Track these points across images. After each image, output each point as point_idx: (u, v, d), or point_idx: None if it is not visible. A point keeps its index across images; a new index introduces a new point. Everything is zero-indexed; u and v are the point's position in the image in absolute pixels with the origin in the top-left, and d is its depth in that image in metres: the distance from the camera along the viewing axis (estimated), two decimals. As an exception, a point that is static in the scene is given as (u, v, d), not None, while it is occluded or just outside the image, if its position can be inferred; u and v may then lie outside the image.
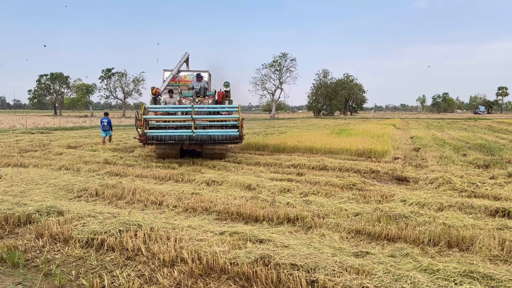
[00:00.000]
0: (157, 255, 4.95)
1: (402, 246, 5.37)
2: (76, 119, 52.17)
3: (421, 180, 10.07)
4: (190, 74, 15.46)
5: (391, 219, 6.47)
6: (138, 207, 7.42)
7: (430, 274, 4.30)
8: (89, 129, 31.61)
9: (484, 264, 4.70)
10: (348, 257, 4.78)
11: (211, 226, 6.13)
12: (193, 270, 4.58)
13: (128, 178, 10.09)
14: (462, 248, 5.35)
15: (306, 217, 6.54)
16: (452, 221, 6.28)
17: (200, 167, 11.78)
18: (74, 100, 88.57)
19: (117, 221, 5.97)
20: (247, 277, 4.41)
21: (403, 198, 7.80)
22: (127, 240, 5.37)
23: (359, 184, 9.51)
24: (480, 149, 16.97)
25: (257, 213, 6.82)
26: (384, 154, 14.47)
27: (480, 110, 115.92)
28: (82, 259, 5.04)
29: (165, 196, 7.99)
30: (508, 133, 28.49)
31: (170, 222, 6.17)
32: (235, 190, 8.66)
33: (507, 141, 21.06)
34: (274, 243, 5.25)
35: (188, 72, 15.79)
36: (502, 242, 5.37)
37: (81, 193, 8.41)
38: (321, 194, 8.33)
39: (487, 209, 7.06)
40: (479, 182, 9.55)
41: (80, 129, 31.76)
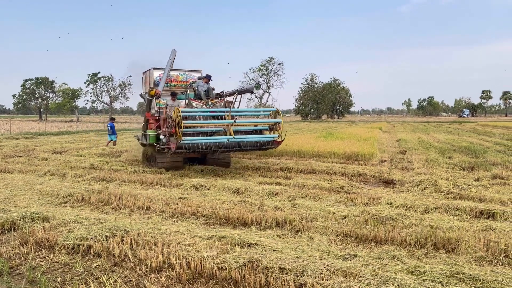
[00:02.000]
0: (144, 261, 4.90)
1: (389, 248, 5.40)
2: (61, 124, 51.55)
3: (407, 183, 10.17)
4: (183, 74, 14.12)
5: (378, 222, 6.51)
6: (125, 213, 7.35)
7: (417, 276, 4.33)
8: (75, 134, 31.25)
9: (470, 265, 4.75)
10: (336, 260, 4.79)
11: (199, 230, 6.09)
12: (181, 275, 4.54)
13: (115, 183, 9.99)
14: (448, 249, 5.40)
15: (294, 221, 6.55)
16: (438, 223, 6.34)
17: (188, 171, 11.71)
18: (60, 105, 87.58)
19: (103, 227, 5.90)
20: (235, 282, 4.39)
21: (389, 201, 7.86)
22: (113, 246, 5.31)
23: (347, 187, 9.56)
24: (465, 151, 17.21)
25: (246, 217, 6.81)
26: (371, 157, 14.59)
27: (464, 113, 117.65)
28: (67, 265, 4.97)
29: (152, 201, 7.93)
30: (492, 135, 28.96)
31: (157, 227, 6.12)
32: (223, 194, 8.64)
33: (491, 144, 21.39)
34: (263, 247, 5.24)
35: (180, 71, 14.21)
36: (487, 243, 5.44)
37: (67, 198, 8.31)
38: (309, 198, 8.36)
39: (472, 211, 7.15)
40: (464, 184, 9.67)
41: (65, 134, 31.38)
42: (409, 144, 21.28)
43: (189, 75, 14.16)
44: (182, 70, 14.16)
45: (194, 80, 13.82)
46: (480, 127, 44.04)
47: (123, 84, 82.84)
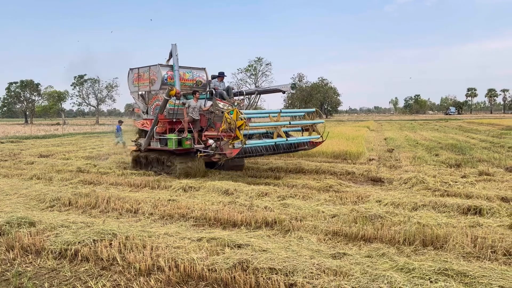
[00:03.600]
0: (133, 264, 4.85)
1: (378, 246, 5.43)
2: (48, 127, 50.88)
3: (395, 181, 10.24)
4: (189, 72, 12.88)
5: (367, 220, 6.54)
6: (113, 216, 7.28)
7: (406, 273, 4.36)
8: (61, 137, 30.88)
9: (458, 261, 4.79)
10: (325, 259, 4.80)
11: (188, 232, 6.06)
12: (170, 278, 4.51)
13: (102, 186, 9.89)
14: (436, 246, 5.45)
15: (284, 221, 6.55)
16: (426, 220, 6.40)
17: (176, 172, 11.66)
18: (46, 108, 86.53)
19: (91, 231, 5.83)
20: (225, 283, 4.37)
21: (378, 199, 7.91)
22: (101, 249, 5.25)
23: (336, 186, 9.60)
24: (452, 149, 17.41)
25: (235, 218, 6.79)
26: (359, 155, 14.67)
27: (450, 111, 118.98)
28: (55, 270, 4.90)
29: (140, 203, 7.86)
30: (478, 132, 29.36)
31: (146, 230, 6.07)
32: (212, 196, 8.60)
33: (477, 141, 21.69)
34: (253, 247, 5.23)
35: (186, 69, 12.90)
36: (474, 239, 5.50)
37: (54, 202, 8.20)
38: (299, 197, 8.37)
39: (460, 207, 7.23)
40: (451, 181, 9.78)
41: (52, 137, 30.98)
42: (396, 142, 21.46)
43: (195, 73, 13.11)
44: (187, 67, 12.95)
45: (200, 78, 13.09)
46: (466, 124, 44.62)
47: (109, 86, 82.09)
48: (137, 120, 13.23)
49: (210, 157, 10.64)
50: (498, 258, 5.00)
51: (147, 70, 12.49)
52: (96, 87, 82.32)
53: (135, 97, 13.12)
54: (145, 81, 12.62)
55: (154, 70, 12.25)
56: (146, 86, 12.55)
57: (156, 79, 12.22)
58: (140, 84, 12.77)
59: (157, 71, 12.15)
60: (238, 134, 9.72)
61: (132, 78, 13.02)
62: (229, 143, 10.00)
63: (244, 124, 9.67)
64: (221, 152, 10.19)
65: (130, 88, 13.05)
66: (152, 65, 12.34)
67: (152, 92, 12.39)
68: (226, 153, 10.07)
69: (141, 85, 12.75)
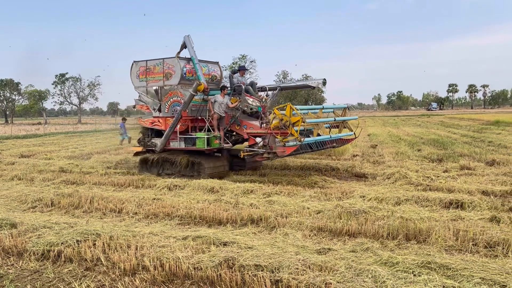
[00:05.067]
0: (117, 264, 4.81)
1: (363, 241, 5.49)
2: (29, 126, 49.90)
3: (378, 176, 10.36)
4: (205, 66, 11.88)
5: (352, 215, 6.61)
6: (96, 216, 7.20)
7: (390, 267, 4.42)
8: (43, 137, 30.35)
9: (441, 255, 4.88)
10: (311, 255, 4.84)
11: (174, 231, 6.03)
12: (156, 277, 4.48)
13: (85, 186, 9.77)
14: (419, 240, 5.54)
15: (269, 217, 6.57)
16: (409, 214, 6.50)
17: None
18: (27, 107, 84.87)
19: (74, 231, 5.76)
20: (211, 281, 4.37)
21: (362, 194, 8.00)
22: (85, 250, 5.19)
23: (321, 182, 9.67)
24: (434, 144, 17.69)
25: (221, 215, 6.78)
26: (344, 152, 14.77)
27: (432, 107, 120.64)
28: (38, 272, 4.83)
29: (124, 203, 7.79)
30: (459, 128, 29.85)
31: (130, 230, 6.02)
32: (197, 194, 8.57)
33: (458, 136, 22.07)
34: (238, 245, 5.23)
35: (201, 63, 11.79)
36: (456, 233, 5.60)
37: (36, 203, 8.07)
38: (284, 194, 8.40)
39: (442, 202, 7.35)
40: (433, 175, 9.93)
41: (33, 137, 30.41)
42: (379, 138, 21.69)
43: (210, 67, 12.16)
44: (202, 61, 11.86)
45: (214, 73, 12.21)
46: (448, 119, 45.34)
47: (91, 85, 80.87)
48: (144, 118, 11.88)
49: (254, 157, 10.15)
50: (479, 250, 5.11)
51: (159, 63, 11.41)
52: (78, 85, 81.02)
53: (142, 93, 11.84)
54: (156, 75, 11.53)
55: (171, 63, 11.21)
56: (158, 80, 11.44)
57: (173, 73, 11.16)
58: (149, 79, 11.62)
59: (175, 64, 11.14)
60: (293, 132, 9.20)
61: (137, 72, 11.82)
62: (281, 141, 9.43)
63: (300, 121, 9.20)
64: (271, 151, 9.61)
65: (134, 83, 11.84)
66: (167, 57, 11.31)
67: (166, 87, 11.28)
68: (277, 151, 9.53)
69: (151, 79, 11.60)
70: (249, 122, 10.58)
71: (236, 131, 10.85)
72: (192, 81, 11.12)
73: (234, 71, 11.85)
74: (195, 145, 10.57)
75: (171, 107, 11.22)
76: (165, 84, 11.33)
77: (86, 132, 36.76)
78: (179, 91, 11.02)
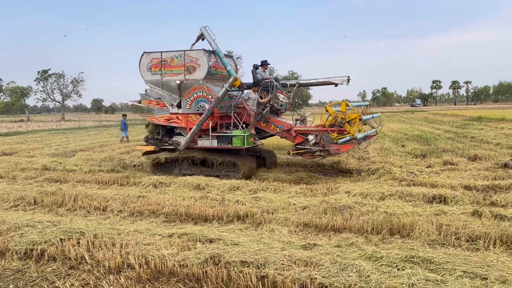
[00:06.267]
0: (102, 263, 4.77)
1: (348, 236, 5.55)
2: (11, 124, 48.97)
3: (363, 172, 10.46)
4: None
5: (337, 211, 6.66)
6: (80, 214, 7.12)
7: (374, 262, 4.47)
8: (25, 134, 29.82)
9: (424, 249, 4.95)
10: (296, 250, 4.87)
11: (159, 229, 6.00)
12: (141, 275, 4.46)
13: (69, 184, 9.64)
14: (403, 234, 5.61)
15: (255, 214, 6.58)
16: (393, 209, 6.57)
17: (146, 168, 11.51)
18: (8, 104, 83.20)
19: (58, 230, 5.69)
20: (197, 278, 4.36)
21: (347, 190, 8.06)
22: (69, 248, 5.13)
23: (306, 178, 9.72)
24: (418, 139, 17.91)
25: (207, 212, 6.77)
26: (329, 148, 14.84)
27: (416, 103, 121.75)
28: (20, 271, 4.76)
29: (109, 201, 7.72)
30: (442, 123, 30.27)
31: (115, 228, 5.97)
32: (183, 191, 8.53)
33: (442, 131, 22.36)
34: (224, 241, 5.24)
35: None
36: (439, 227, 5.69)
37: (18, 202, 7.94)
38: (270, 190, 8.42)
39: (425, 196, 7.46)
40: (417, 171, 10.06)
41: (15, 135, 29.87)
42: (365, 134, 21.79)
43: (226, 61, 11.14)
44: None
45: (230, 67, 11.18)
46: (431, 115, 45.91)
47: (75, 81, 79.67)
48: (156, 115, 11.03)
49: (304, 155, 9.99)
50: (462, 244, 5.20)
51: (179, 55, 10.60)
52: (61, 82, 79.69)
53: (155, 87, 10.93)
54: (175, 68, 10.72)
55: (194, 56, 10.47)
56: (178, 74, 10.65)
57: (197, 67, 10.45)
58: (165, 72, 10.78)
59: (200, 58, 10.40)
60: (349, 129, 9.18)
61: (149, 64, 10.89)
62: (335, 138, 9.35)
63: (357, 117, 9.18)
64: (324, 149, 9.55)
65: (145, 76, 10.92)
66: (189, 49, 10.65)
67: (186, 81, 10.53)
68: (331, 149, 9.46)
69: (167, 72, 10.77)
70: (277, 119, 10.48)
71: (262, 128, 10.62)
72: (215, 75, 10.76)
73: (256, 66, 11.23)
74: (231, 143, 10.09)
75: (195, 103, 10.52)
76: (186, 78, 10.58)
77: (69, 129, 36.25)
78: (206, 86, 10.38)
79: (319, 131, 9.67)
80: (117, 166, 12.07)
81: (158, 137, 11.14)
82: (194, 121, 10.38)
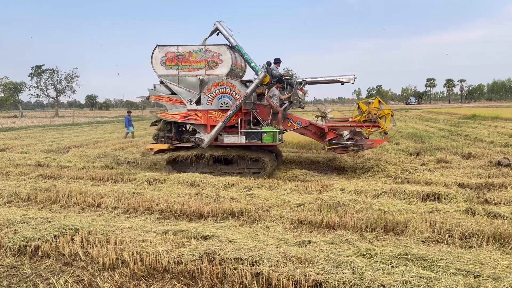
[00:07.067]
0: (96, 259, 4.76)
1: (342, 233, 5.57)
2: (4, 120, 48.66)
3: (358, 169, 10.50)
4: None
5: (331, 208, 6.68)
6: (74, 210, 7.09)
7: (369, 259, 4.49)
8: (19, 130, 29.64)
9: (418, 246, 4.98)
10: (291, 247, 4.88)
11: (154, 225, 5.99)
12: (135, 272, 4.45)
13: (63, 180, 9.59)
14: (397, 232, 5.64)
15: (250, 211, 6.59)
16: (387, 207, 6.61)
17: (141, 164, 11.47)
18: (2, 100, 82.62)
19: (52, 226, 5.67)
20: (191, 275, 4.36)
21: (341, 187, 8.09)
22: (63, 245, 5.11)
23: (301, 176, 9.74)
24: (412, 137, 17.98)
25: (201, 209, 6.77)
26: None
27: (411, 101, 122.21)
28: (14, 268, 4.74)
29: (103, 197, 7.69)
30: (436, 121, 30.40)
31: (109, 224, 5.96)
32: (178, 188, 8.52)
33: (436, 129, 22.47)
34: (219, 238, 5.24)
35: None
36: (433, 224, 5.72)
37: (12, 198, 7.90)
38: (265, 187, 8.43)
39: (419, 194, 7.50)
40: (411, 168, 10.11)
41: (9, 131, 29.68)
42: (360, 131, 21.84)
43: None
44: None
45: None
46: (426, 114, 46.10)
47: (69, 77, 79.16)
48: (171, 111, 10.53)
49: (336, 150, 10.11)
50: (455, 241, 5.23)
51: (198, 50, 10.28)
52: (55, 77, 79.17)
53: (171, 82, 10.43)
54: (193, 63, 10.40)
55: (216, 51, 10.17)
56: (198, 69, 10.33)
57: (219, 62, 10.21)
58: (182, 66, 10.39)
59: (223, 53, 10.13)
60: (382, 125, 9.54)
61: (163, 57, 10.44)
62: (367, 133, 9.80)
63: (390, 113, 9.57)
64: (358, 143, 9.83)
65: (158, 70, 10.47)
66: (211, 44, 10.32)
67: (207, 77, 10.20)
68: (364, 144, 9.78)
69: (185, 67, 10.39)
70: (294, 116, 10.54)
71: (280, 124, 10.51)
72: (233, 71, 10.48)
73: (269, 63, 11.17)
74: (261, 140, 9.91)
75: (217, 99, 10.21)
76: (207, 74, 10.28)
77: (63, 125, 36.07)
78: (230, 82, 10.14)
79: (354, 127, 9.93)
80: (111, 163, 12.03)
81: (170, 135, 10.86)
82: (216, 118, 10.13)
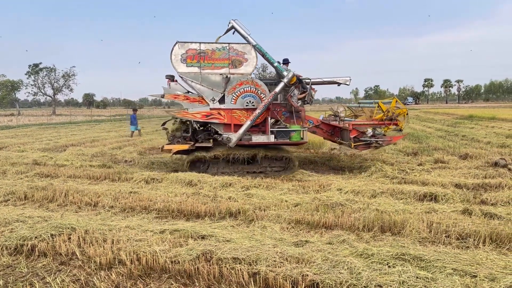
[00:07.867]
0: (93, 258, 4.75)
1: (339, 233, 5.57)
2: (1, 118, 48.50)
3: (355, 169, 10.51)
4: None
5: (329, 208, 6.69)
6: (71, 209, 7.07)
7: (366, 259, 4.50)
8: (16, 129, 29.55)
9: (414, 246, 4.99)
10: (288, 247, 4.88)
11: (151, 225, 5.98)
12: (132, 271, 4.44)
13: (60, 179, 9.57)
14: (394, 232, 5.65)
15: (247, 210, 6.59)
16: (385, 207, 6.62)
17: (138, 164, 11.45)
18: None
19: (48, 225, 5.65)
20: (188, 275, 4.36)
21: (339, 187, 8.10)
22: (60, 244, 5.10)
23: (299, 175, 9.74)
24: (409, 137, 18.01)
25: (199, 209, 6.76)
26: (321, 145, 14.92)
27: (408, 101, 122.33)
28: (10, 267, 4.72)
29: (100, 196, 7.67)
30: (434, 122, 30.47)
31: (106, 224, 5.94)
32: (175, 187, 8.51)
33: (433, 130, 22.52)
34: (216, 238, 5.24)
35: None
36: (430, 225, 5.74)
37: (8, 197, 7.87)
38: (262, 187, 8.43)
39: (416, 194, 7.52)
40: (408, 169, 10.13)
41: (5, 129, 29.59)
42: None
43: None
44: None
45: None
46: (423, 114, 46.18)
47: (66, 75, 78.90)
48: (192, 110, 10.32)
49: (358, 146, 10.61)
50: (452, 242, 5.25)
51: (222, 48, 10.21)
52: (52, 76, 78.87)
53: (192, 80, 10.23)
54: (216, 61, 10.31)
55: (241, 50, 10.16)
56: (221, 67, 10.25)
57: (244, 61, 10.24)
58: (204, 64, 10.26)
59: (247, 52, 10.14)
60: (400, 122, 10.51)
61: (183, 54, 10.24)
62: (384, 130, 10.63)
63: (405, 112, 10.54)
64: (379, 140, 10.57)
65: (178, 68, 10.23)
66: (236, 42, 10.23)
67: (230, 75, 10.17)
68: (384, 141, 10.57)
69: (207, 65, 10.27)
70: (307, 115, 10.79)
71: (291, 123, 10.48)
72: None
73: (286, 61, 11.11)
74: (289, 138, 10.03)
75: (241, 98, 10.20)
76: (231, 73, 10.23)
77: (60, 124, 35.97)
78: (255, 81, 10.18)
79: (377, 125, 10.71)
80: (108, 162, 12.00)
81: (186, 135, 10.71)
82: (240, 117, 10.12)
